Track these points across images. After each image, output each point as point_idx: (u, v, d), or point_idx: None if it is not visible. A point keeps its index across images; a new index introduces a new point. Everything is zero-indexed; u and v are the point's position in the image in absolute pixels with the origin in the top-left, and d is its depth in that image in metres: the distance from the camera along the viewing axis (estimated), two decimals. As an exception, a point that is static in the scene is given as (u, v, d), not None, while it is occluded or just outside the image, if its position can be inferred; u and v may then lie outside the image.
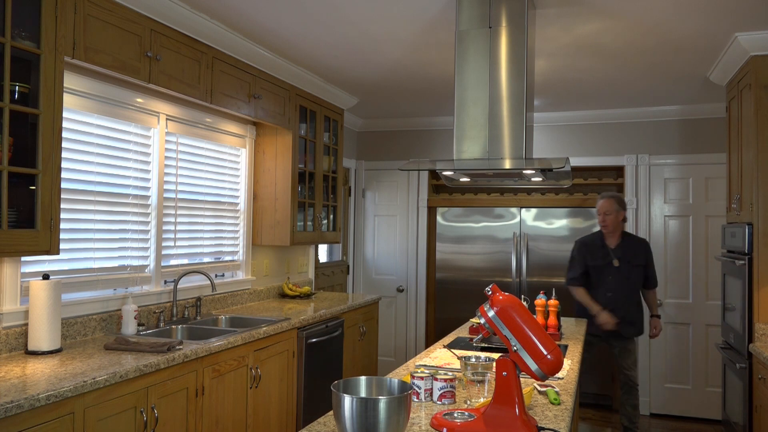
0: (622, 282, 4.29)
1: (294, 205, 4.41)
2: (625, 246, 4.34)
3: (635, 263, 4.31)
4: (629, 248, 4.33)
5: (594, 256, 4.36)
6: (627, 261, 4.30)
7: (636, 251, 4.34)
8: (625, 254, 4.31)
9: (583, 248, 4.43)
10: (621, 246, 4.34)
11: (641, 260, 4.34)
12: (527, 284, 5.62)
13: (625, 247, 4.33)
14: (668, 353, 5.35)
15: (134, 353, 2.67)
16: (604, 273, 4.32)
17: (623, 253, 4.31)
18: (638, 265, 4.33)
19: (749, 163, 3.59)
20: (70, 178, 2.94)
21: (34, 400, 1.99)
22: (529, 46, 2.89)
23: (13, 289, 2.64)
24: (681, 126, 5.40)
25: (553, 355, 1.74)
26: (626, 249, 4.32)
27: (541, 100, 5.22)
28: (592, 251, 4.38)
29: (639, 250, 4.36)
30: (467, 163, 2.90)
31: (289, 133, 4.38)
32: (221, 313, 3.90)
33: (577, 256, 4.43)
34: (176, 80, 3.20)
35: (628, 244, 4.36)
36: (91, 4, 2.64)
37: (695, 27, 3.37)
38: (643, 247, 4.39)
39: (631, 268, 4.30)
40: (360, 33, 3.59)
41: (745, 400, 3.53)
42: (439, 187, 6.27)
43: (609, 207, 4.30)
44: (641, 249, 4.37)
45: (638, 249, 4.36)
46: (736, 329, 3.75)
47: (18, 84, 2.35)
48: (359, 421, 1.55)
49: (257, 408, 3.36)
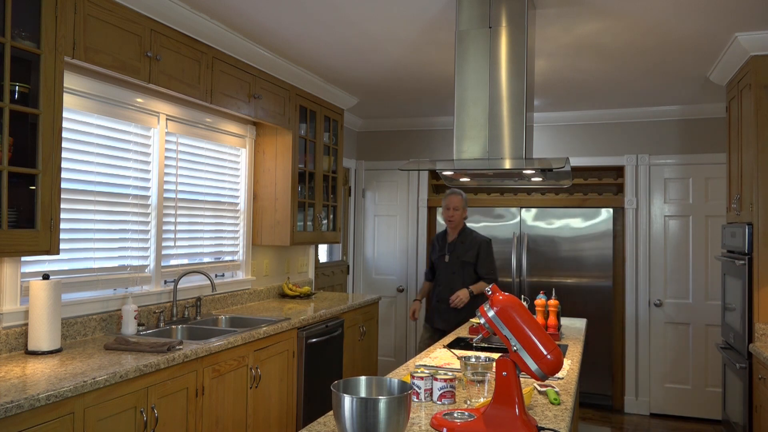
0: (449, 277, 4.39)
1: (294, 205, 4.41)
2: (459, 242, 4.41)
3: (464, 260, 4.35)
4: (462, 245, 4.40)
5: (436, 249, 4.53)
6: (456, 257, 4.37)
7: (469, 248, 4.37)
8: (456, 250, 4.39)
9: (433, 242, 4.62)
10: (456, 242, 4.42)
11: (471, 257, 4.35)
12: (527, 284, 5.62)
13: (459, 243, 4.41)
14: (668, 353, 5.35)
15: (134, 353, 2.67)
16: (439, 268, 4.46)
17: (455, 249, 4.39)
18: (467, 262, 4.35)
19: (749, 163, 3.59)
20: (70, 178, 2.94)
21: (34, 400, 1.99)
22: (529, 46, 2.89)
23: (13, 289, 2.64)
24: (681, 126, 5.40)
25: (553, 355, 1.74)
26: (459, 245, 4.40)
27: (541, 100, 5.22)
28: (436, 245, 4.54)
29: (472, 247, 4.38)
30: (467, 163, 2.90)
31: (289, 133, 4.37)
32: (221, 313, 3.90)
33: (429, 251, 4.62)
34: (176, 80, 3.20)
35: (463, 240, 4.41)
36: (91, 4, 2.64)
37: (695, 27, 3.37)
38: (478, 245, 4.39)
39: (459, 265, 4.36)
40: (360, 33, 3.59)
41: (745, 400, 3.53)
42: (439, 187, 6.27)
43: (458, 203, 4.40)
44: (475, 246, 4.38)
45: (471, 246, 4.38)
46: (736, 329, 3.75)
47: (18, 84, 2.35)
48: (359, 421, 1.55)
49: (257, 408, 3.36)
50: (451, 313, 4.31)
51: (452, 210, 4.40)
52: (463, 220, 4.48)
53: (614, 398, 5.50)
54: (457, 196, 4.43)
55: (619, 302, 5.51)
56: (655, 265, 5.41)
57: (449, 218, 4.42)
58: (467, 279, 4.35)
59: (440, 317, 4.40)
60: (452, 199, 4.42)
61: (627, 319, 5.45)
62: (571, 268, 5.54)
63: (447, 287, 4.36)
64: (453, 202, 4.41)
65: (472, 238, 4.44)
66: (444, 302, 4.35)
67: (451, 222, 4.41)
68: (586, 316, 4.38)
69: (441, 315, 4.39)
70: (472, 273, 4.36)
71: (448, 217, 4.42)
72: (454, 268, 4.38)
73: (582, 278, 5.51)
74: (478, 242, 4.41)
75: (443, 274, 4.42)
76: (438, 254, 4.48)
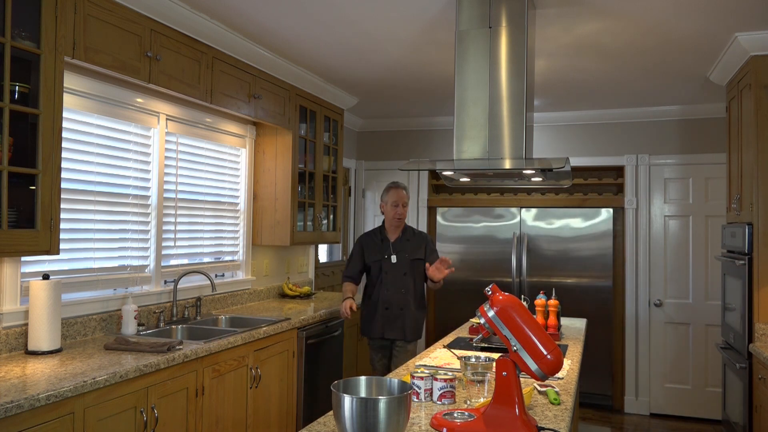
0: (398, 278, 3.92)
1: (294, 205, 4.41)
2: (404, 240, 3.99)
3: (415, 257, 3.96)
4: (410, 242, 3.99)
5: (373, 252, 3.99)
6: (405, 256, 3.95)
7: (417, 245, 3.99)
8: (404, 249, 3.96)
9: (363, 244, 4.06)
10: (401, 240, 3.99)
11: (420, 254, 3.97)
12: (527, 284, 5.62)
13: (405, 241, 3.99)
14: (668, 353, 5.35)
15: (134, 353, 2.67)
16: (382, 269, 3.94)
17: (402, 248, 3.97)
18: (417, 259, 3.96)
19: (749, 163, 3.59)
20: (70, 178, 2.94)
21: (34, 400, 1.99)
22: (529, 46, 2.89)
23: (13, 289, 2.64)
24: (681, 126, 5.40)
25: (553, 355, 1.74)
26: (407, 244, 3.98)
27: (541, 100, 5.22)
28: (372, 246, 4.01)
29: (420, 243, 4.01)
30: (467, 163, 2.90)
31: (289, 133, 4.37)
32: (221, 313, 3.90)
33: (356, 253, 4.05)
34: (176, 80, 3.20)
35: (409, 237, 4.01)
36: (91, 4, 2.64)
37: (695, 27, 3.37)
38: (424, 240, 4.03)
39: (409, 264, 3.94)
40: (360, 33, 3.59)
41: (745, 400, 3.53)
42: (439, 187, 6.27)
43: (406, 198, 3.99)
44: (421, 242, 4.02)
45: (419, 243, 4.01)
46: (736, 329, 3.75)
47: (18, 84, 2.35)
48: (359, 421, 1.55)
49: (257, 408, 3.36)
50: (408, 318, 3.88)
51: (401, 207, 3.95)
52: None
53: (614, 398, 5.50)
54: (404, 190, 4.00)
55: (619, 302, 5.51)
56: (655, 265, 5.41)
57: (399, 215, 3.95)
58: (418, 278, 3.97)
59: (393, 325, 3.88)
60: (402, 194, 3.97)
61: (627, 319, 5.45)
62: (571, 268, 5.54)
63: (397, 291, 3.90)
64: (403, 197, 3.97)
65: (416, 234, 4.05)
66: (396, 307, 3.88)
67: (401, 219, 3.97)
68: (586, 316, 4.38)
69: (394, 322, 3.87)
70: (422, 270, 3.93)
71: (398, 215, 3.95)
72: (404, 269, 3.93)
73: (582, 278, 5.51)
74: (423, 237, 4.05)
75: (391, 276, 3.91)
76: (377, 257, 3.96)
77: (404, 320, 3.87)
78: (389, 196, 3.97)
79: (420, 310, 3.98)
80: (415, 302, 3.95)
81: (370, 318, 3.95)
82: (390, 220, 3.99)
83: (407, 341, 3.90)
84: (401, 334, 3.87)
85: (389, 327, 3.88)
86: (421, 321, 3.98)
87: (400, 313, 3.88)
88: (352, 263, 4.07)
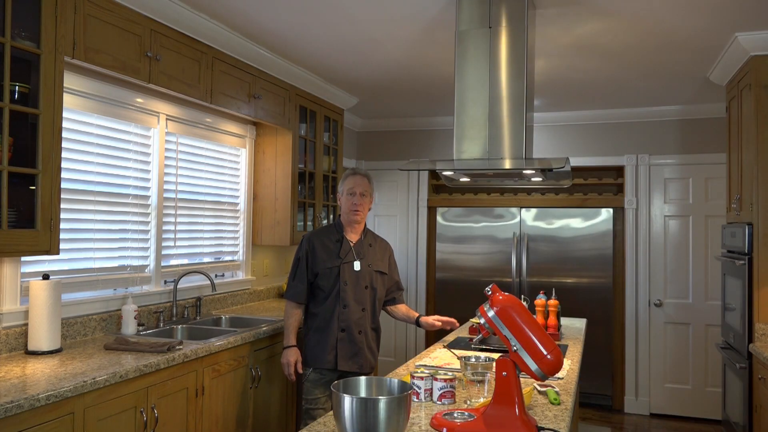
0: (359, 291, 3.01)
1: (294, 205, 4.41)
2: (367, 245, 3.09)
3: (377, 269, 3.08)
4: (372, 248, 3.10)
5: (327, 255, 3.01)
6: (367, 264, 3.05)
7: (380, 253, 3.14)
8: (367, 255, 3.06)
9: (313, 244, 3.05)
10: (362, 244, 3.07)
11: (384, 266, 3.12)
12: (527, 284, 5.62)
13: (368, 246, 3.09)
14: (668, 353, 5.35)
15: (134, 353, 2.67)
16: (340, 278, 2.98)
17: (366, 254, 3.06)
18: (381, 272, 3.10)
19: (749, 163, 3.59)
20: (70, 178, 2.94)
21: (34, 400, 1.99)
22: (529, 46, 2.89)
23: (13, 289, 2.64)
24: (681, 126, 5.40)
25: (553, 355, 1.74)
26: (368, 249, 3.09)
27: (541, 100, 5.22)
28: (324, 248, 3.03)
29: (383, 252, 3.16)
30: (467, 163, 2.90)
31: (289, 133, 4.38)
32: (221, 313, 3.90)
33: (303, 258, 3.05)
34: (176, 80, 3.20)
35: (371, 242, 3.12)
36: (91, 4, 2.64)
37: (695, 27, 3.37)
38: (388, 250, 3.21)
39: (371, 275, 3.05)
40: (360, 33, 3.59)
41: (745, 400, 3.53)
42: (439, 187, 6.27)
43: (367, 187, 3.06)
44: (385, 251, 3.18)
45: (382, 251, 3.16)
46: (736, 329, 3.75)
47: (18, 84, 2.35)
48: (359, 421, 1.55)
49: (257, 408, 3.36)
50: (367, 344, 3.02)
51: (359, 196, 3.01)
52: (368, 211, 3.13)
53: (614, 398, 5.50)
54: (363, 177, 3.06)
55: (618, 302, 5.51)
56: (655, 265, 5.41)
57: (356, 207, 3.00)
58: (378, 296, 3.09)
59: (351, 353, 2.97)
60: (360, 181, 3.03)
61: (627, 319, 5.45)
62: (570, 268, 5.54)
63: (356, 308, 2.99)
64: (360, 185, 3.02)
65: (378, 240, 3.18)
66: (354, 330, 2.97)
67: (359, 213, 3.01)
68: (586, 316, 4.38)
69: (350, 349, 2.97)
70: (385, 287, 3.13)
71: (354, 206, 3.00)
72: (366, 281, 3.02)
73: (582, 278, 5.51)
74: (387, 246, 3.21)
75: (351, 288, 2.98)
76: (333, 262, 2.99)
77: (363, 348, 3.00)
78: (345, 184, 3.05)
79: (377, 337, 3.14)
80: (372, 325, 3.08)
81: (319, 342, 2.98)
82: (346, 214, 3.04)
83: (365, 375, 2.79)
84: (358, 365, 2.99)
85: (345, 356, 2.96)
86: (377, 350, 3.13)
87: (359, 338, 2.98)
88: (299, 274, 3.04)
